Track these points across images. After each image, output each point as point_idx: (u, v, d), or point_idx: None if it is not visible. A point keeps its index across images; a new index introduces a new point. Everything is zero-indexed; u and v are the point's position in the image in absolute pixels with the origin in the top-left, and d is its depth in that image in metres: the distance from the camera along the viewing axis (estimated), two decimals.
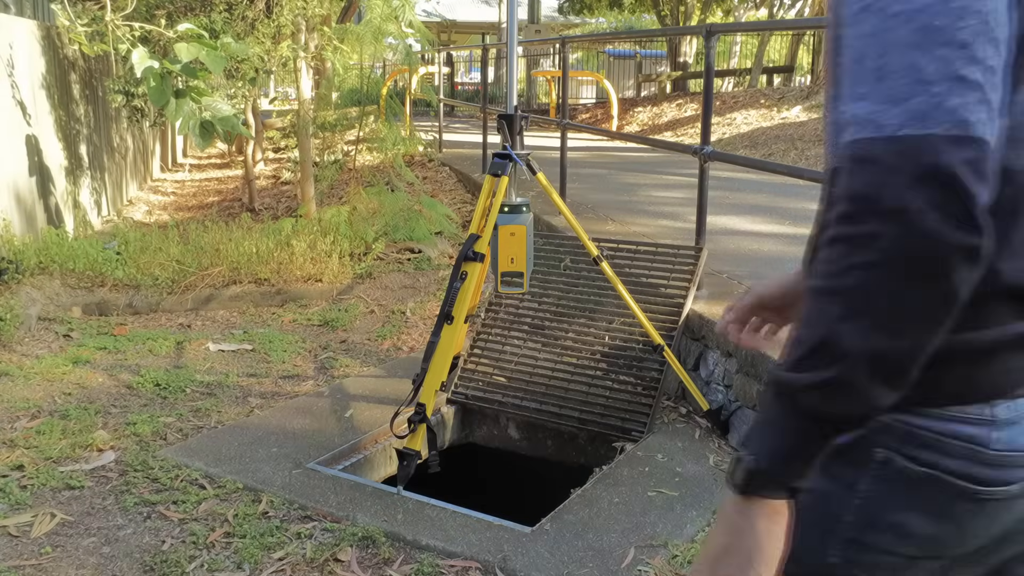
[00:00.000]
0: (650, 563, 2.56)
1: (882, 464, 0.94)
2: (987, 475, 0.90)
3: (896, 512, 0.94)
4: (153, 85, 5.02)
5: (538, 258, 4.21)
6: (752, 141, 10.71)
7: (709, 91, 3.88)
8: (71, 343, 4.67)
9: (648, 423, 3.47)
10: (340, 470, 3.26)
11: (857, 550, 0.97)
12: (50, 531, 2.74)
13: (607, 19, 24.80)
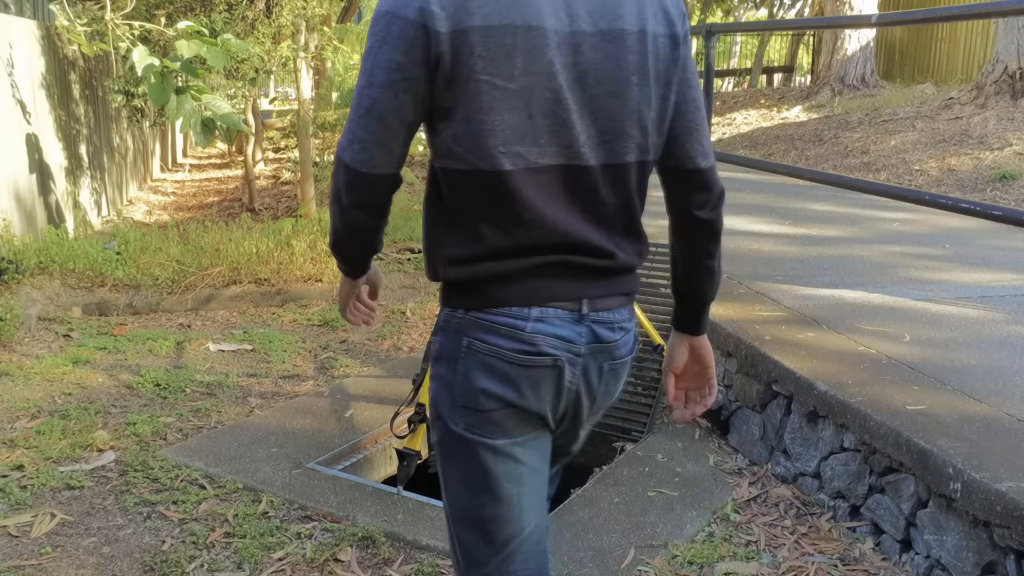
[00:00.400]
0: (650, 563, 2.56)
1: (467, 348, 1.36)
2: (526, 349, 1.34)
3: (481, 380, 1.35)
4: (153, 83, 5.02)
5: None
6: (752, 141, 10.70)
7: (709, 91, 3.88)
8: (71, 343, 4.67)
9: (648, 423, 3.47)
10: (340, 470, 3.26)
11: (466, 413, 1.36)
12: (50, 531, 2.74)
13: None
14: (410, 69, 1.24)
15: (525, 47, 1.24)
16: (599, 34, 1.28)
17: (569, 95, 1.28)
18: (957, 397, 2.72)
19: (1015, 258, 4.70)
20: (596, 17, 1.28)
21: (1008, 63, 8.84)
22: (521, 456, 1.41)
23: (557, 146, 1.31)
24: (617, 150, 1.35)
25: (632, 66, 1.31)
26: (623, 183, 1.39)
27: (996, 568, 2.18)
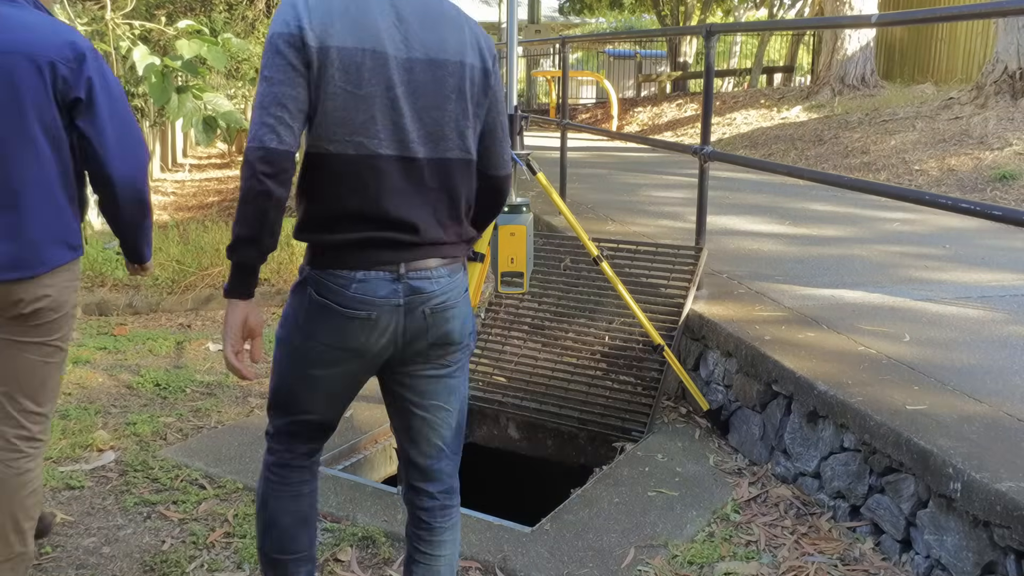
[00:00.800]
0: (650, 563, 2.56)
1: (309, 296, 1.76)
2: (350, 304, 1.73)
3: (313, 323, 1.77)
4: (154, 82, 5.01)
5: (538, 258, 4.21)
6: (752, 141, 10.70)
7: (709, 91, 3.88)
8: (71, 343, 4.67)
9: (648, 423, 3.47)
10: (340, 470, 3.26)
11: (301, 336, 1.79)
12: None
13: (607, 19, 24.80)
14: (298, 67, 1.62)
15: (371, 65, 1.66)
16: (427, 61, 1.71)
17: (403, 103, 1.70)
18: (957, 397, 2.72)
19: (1015, 258, 4.70)
20: (426, 48, 1.72)
21: (1008, 63, 8.84)
22: (334, 382, 1.84)
23: (393, 140, 1.71)
24: (440, 147, 1.76)
25: (450, 87, 1.74)
26: (447, 175, 1.78)
27: (996, 568, 2.18)
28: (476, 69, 1.77)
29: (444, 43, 1.73)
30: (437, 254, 1.80)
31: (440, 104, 1.74)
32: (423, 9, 1.73)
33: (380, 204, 1.70)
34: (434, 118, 1.73)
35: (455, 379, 1.94)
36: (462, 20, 1.79)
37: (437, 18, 1.74)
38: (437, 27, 1.74)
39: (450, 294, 1.83)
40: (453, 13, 1.79)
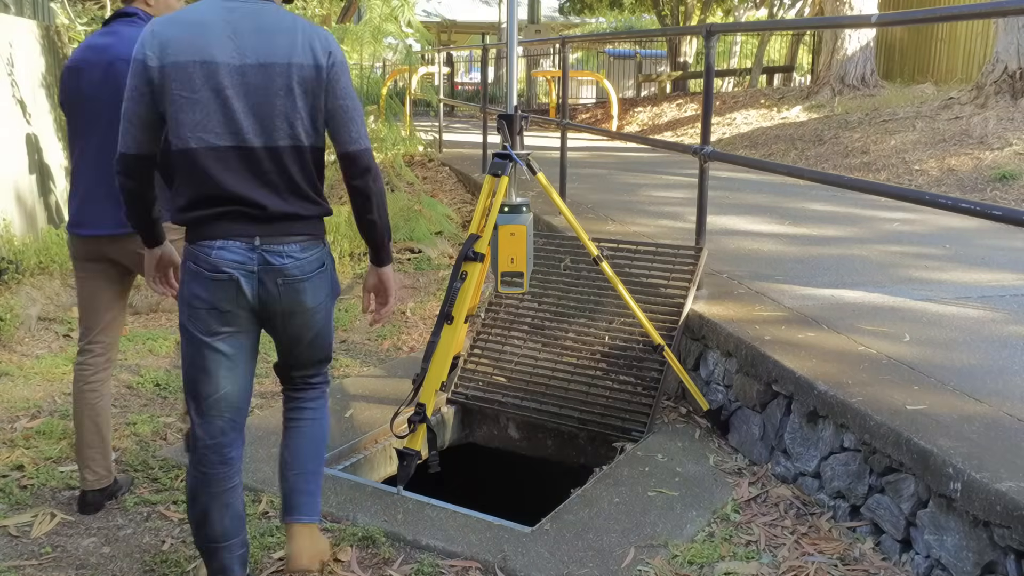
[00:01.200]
0: (650, 563, 2.56)
1: (187, 267, 2.13)
2: (213, 267, 2.10)
3: (192, 287, 2.13)
4: None
5: (538, 258, 4.21)
6: (752, 141, 10.71)
7: (709, 91, 3.88)
8: (71, 343, 4.67)
9: (648, 423, 3.47)
10: (340, 470, 3.26)
11: (186, 309, 2.15)
12: (50, 531, 2.74)
13: (607, 19, 24.79)
14: (142, 87, 2.06)
15: (201, 73, 2.04)
16: (258, 65, 2.07)
17: (235, 103, 2.06)
18: (957, 397, 2.72)
19: (1015, 258, 4.70)
20: (258, 55, 2.07)
21: (1008, 63, 8.84)
22: (220, 346, 2.17)
23: (228, 133, 2.07)
24: (272, 137, 2.10)
25: (279, 85, 2.08)
26: (278, 159, 2.12)
27: (996, 568, 2.18)
28: (306, 67, 2.10)
29: (274, 49, 2.08)
30: (290, 231, 2.15)
31: (270, 100, 2.09)
32: (258, 23, 2.10)
33: (225, 187, 2.08)
34: (265, 112, 2.09)
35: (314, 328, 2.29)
36: (296, 28, 2.12)
37: (271, 29, 2.10)
38: (269, 36, 2.09)
39: (302, 269, 2.17)
40: (288, 23, 2.13)
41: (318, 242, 2.21)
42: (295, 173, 2.14)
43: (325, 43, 2.15)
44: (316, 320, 2.26)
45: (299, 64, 2.10)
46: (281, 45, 2.09)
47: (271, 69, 2.08)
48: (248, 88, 2.07)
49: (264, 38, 2.09)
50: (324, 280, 2.24)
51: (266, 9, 2.13)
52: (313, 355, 2.35)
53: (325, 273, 2.24)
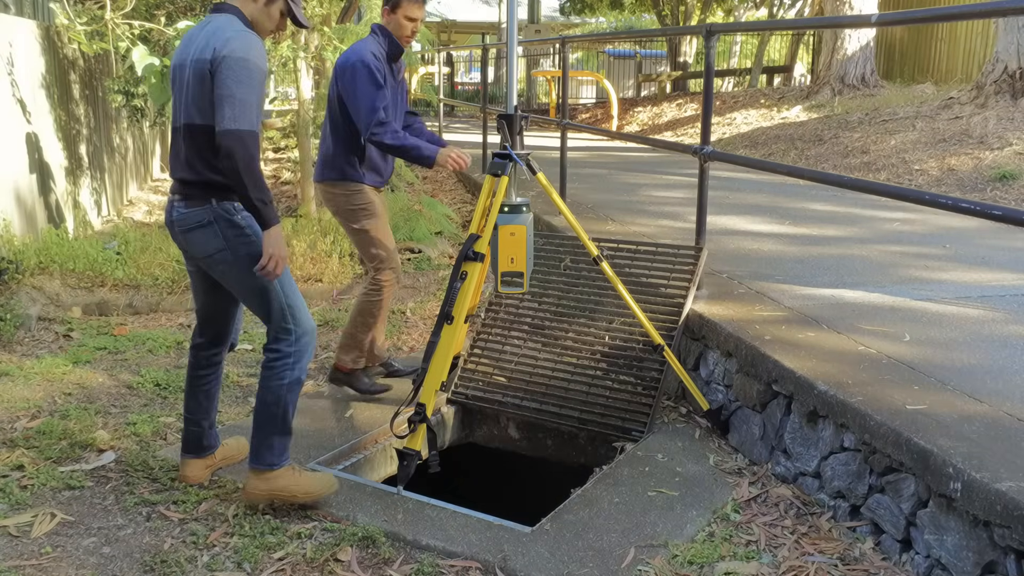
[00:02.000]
0: (650, 563, 2.56)
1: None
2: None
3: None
4: (154, 83, 5.02)
5: (538, 258, 4.21)
6: (752, 141, 10.71)
7: (709, 91, 3.88)
8: (71, 343, 4.67)
9: (648, 423, 3.47)
10: (340, 470, 3.26)
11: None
12: (50, 531, 2.74)
13: (607, 19, 24.80)
14: None
15: (176, 72, 2.74)
16: (191, 62, 2.64)
17: (177, 92, 2.73)
18: (957, 397, 2.72)
19: (1015, 258, 4.70)
20: (189, 55, 2.66)
21: (1008, 63, 8.84)
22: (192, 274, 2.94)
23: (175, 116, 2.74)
24: (179, 118, 2.71)
25: (185, 77, 2.67)
26: (177, 135, 2.73)
27: (996, 568, 2.18)
28: (201, 62, 2.59)
29: (191, 50, 2.66)
30: (178, 191, 2.74)
31: (183, 89, 2.68)
32: (200, 31, 2.69)
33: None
34: (182, 99, 2.68)
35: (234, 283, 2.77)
36: (210, 30, 2.64)
37: (202, 35, 2.65)
38: (196, 40, 2.66)
39: (185, 220, 2.72)
40: (209, 29, 2.65)
41: (203, 202, 2.69)
42: (184, 148, 2.71)
43: (221, 41, 2.59)
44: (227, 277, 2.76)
45: (194, 60, 2.64)
46: (195, 46, 2.65)
47: (187, 66, 2.70)
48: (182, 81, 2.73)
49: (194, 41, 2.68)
50: (212, 236, 2.70)
51: None
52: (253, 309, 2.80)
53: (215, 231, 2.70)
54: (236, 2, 2.74)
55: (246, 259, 2.70)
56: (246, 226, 2.71)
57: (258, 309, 2.78)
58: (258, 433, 2.82)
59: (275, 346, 2.79)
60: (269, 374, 2.79)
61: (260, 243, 2.69)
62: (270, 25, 2.83)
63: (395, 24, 3.65)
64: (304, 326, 2.80)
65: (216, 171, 2.64)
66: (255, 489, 2.84)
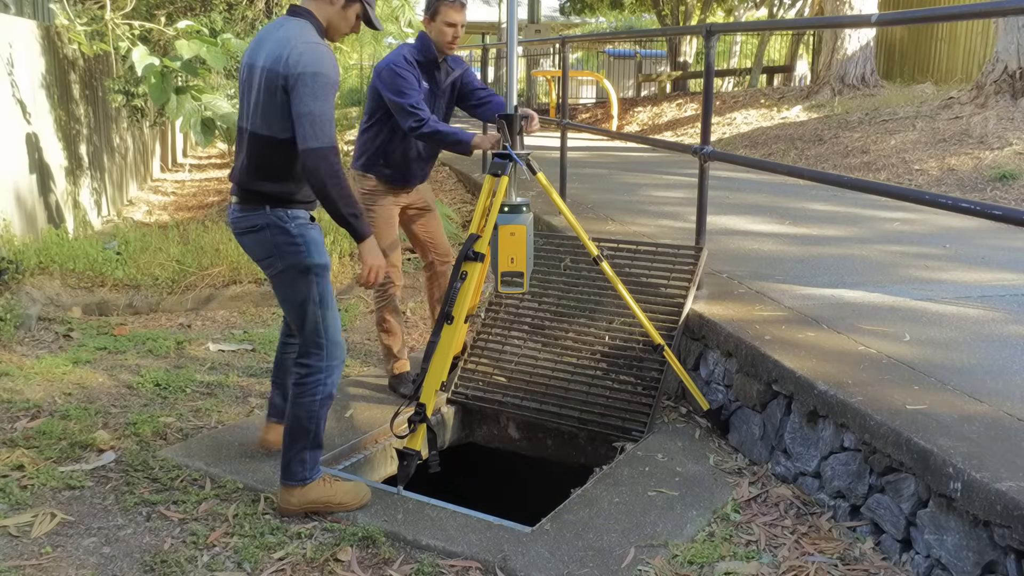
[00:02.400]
0: (650, 563, 2.56)
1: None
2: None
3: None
4: (154, 83, 5.02)
5: (538, 258, 4.21)
6: (752, 141, 10.70)
7: (709, 91, 3.88)
8: (71, 343, 4.67)
9: (648, 423, 3.47)
10: (340, 470, 3.26)
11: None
12: (50, 531, 2.74)
13: (607, 19, 24.79)
14: None
15: (245, 71, 2.75)
16: (262, 68, 2.64)
17: (245, 94, 2.75)
18: (957, 397, 2.72)
19: (1015, 258, 4.70)
20: (261, 58, 2.66)
21: (1008, 63, 8.84)
22: None
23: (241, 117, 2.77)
24: (247, 123, 2.72)
25: (255, 81, 2.67)
26: (242, 141, 2.75)
27: (996, 568, 2.18)
28: (275, 74, 2.59)
29: (261, 52, 2.66)
30: (236, 193, 2.75)
31: (251, 92, 2.69)
32: (272, 34, 2.70)
33: None
34: (249, 103, 2.69)
35: (277, 288, 2.80)
36: (282, 36, 2.64)
37: (273, 39, 2.66)
38: (267, 43, 2.67)
39: (240, 223, 2.75)
40: (281, 35, 2.65)
41: (257, 206, 2.72)
42: (250, 155, 2.73)
43: (292, 53, 2.59)
44: (281, 283, 2.77)
45: (262, 67, 2.66)
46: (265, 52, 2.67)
47: (255, 70, 2.70)
48: (251, 84, 2.75)
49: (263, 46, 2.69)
50: (267, 239, 2.72)
51: None
52: (296, 324, 2.80)
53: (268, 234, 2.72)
54: (311, 6, 2.71)
55: (292, 267, 2.72)
56: (298, 235, 2.72)
57: (294, 318, 2.80)
58: (290, 448, 2.80)
59: (306, 360, 2.78)
60: (301, 391, 2.78)
61: (309, 252, 2.72)
62: (345, 28, 2.82)
63: (436, 31, 3.68)
64: (335, 341, 2.80)
65: (273, 180, 2.67)
66: (288, 504, 2.83)
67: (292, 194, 2.72)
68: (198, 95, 4.96)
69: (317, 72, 2.56)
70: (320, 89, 2.56)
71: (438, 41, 3.71)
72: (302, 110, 2.56)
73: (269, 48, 2.63)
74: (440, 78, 3.82)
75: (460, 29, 3.71)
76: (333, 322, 2.79)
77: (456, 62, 3.89)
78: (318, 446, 2.83)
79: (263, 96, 2.62)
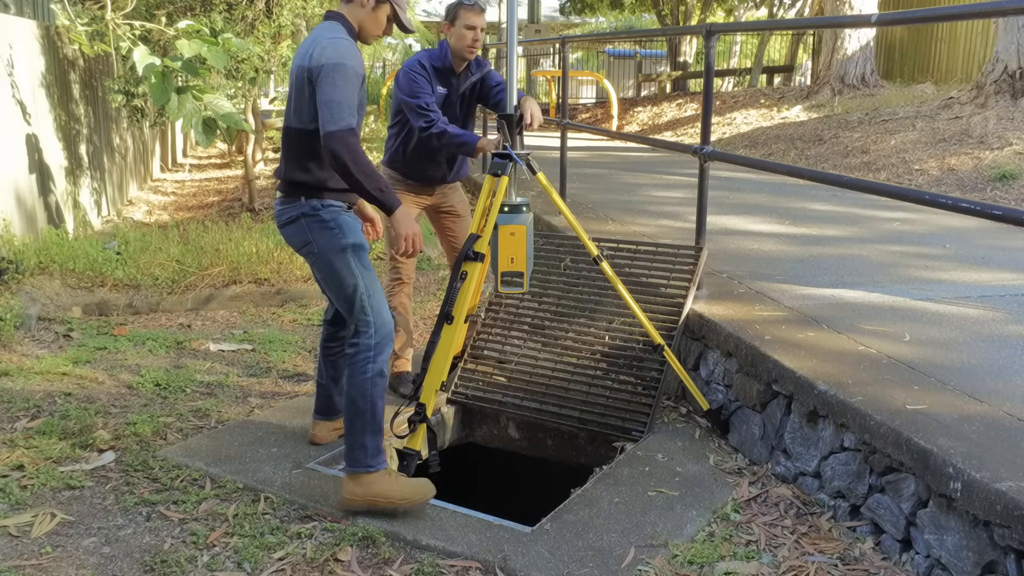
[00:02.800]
0: (650, 563, 2.56)
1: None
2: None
3: None
4: (154, 83, 5.01)
5: (538, 258, 4.21)
6: (752, 141, 10.70)
7: (709, 91, 3.88)
8: (71, 343, 4.67)
9: (648, 423, 3.47)
10: (340, 470, 3.25)
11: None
12: (50, 531, 2.74)
13: (607, 19, 24.79)
14: None
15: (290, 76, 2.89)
16: (295, 68, 2.82)
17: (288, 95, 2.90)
18: (957, 397, 2.72)
19: (1015, 258, 4.70)
20: (294, 60, 2.82)
21: (1008, 63, 8.84)
22: None
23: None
24: (286, 119, 2.89)
25: (292, 81, 2.84)
26: (284, 136, 2.91)
27: (996, 568, 2.18)
28: (302, 69, 2.76)
29: (297, 56, 2.81)
30: (279, 187, 2.91)
31: (290, 91, 2.85)
32: (309, 38, 2.83)
33: None
34: (289, 101, 2.86)
35: (319, 274, 2.92)
36: (312, 38, 2.80)
37: (307, 42, 2.81)
38: (302, 48, 2.82)
39: (280, 216, 2.90)
40: (312, 36, 2.80)
41: (296, 199, 2.85)
42: (289, 149, 2.88)
43: (320, 50, 2.72)
44: (319, 271, 2.90)
45: (298, 65, 2.78)
46: (300, 51, 2.79)
47: (295, 70, 2.81)
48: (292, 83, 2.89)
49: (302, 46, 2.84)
50: (305, 230, 2.84)
51: None
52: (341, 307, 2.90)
53: (305, 227, 2.85)
54: (344, 10, 2.85)
55: (328, 251, 2.83)
56: (330, 219, 2.83)
57: (339, 300, 2.88)
58: (349, 433, 2.83)
59: (356, 339, 2.84)
60: (352, 370, 2.83)
61: (343, 233, 2.83)
62: (377, 30, 2.92)
63: (456, 36, 3.74)
64: (383, 318, 2.86)
65: (306, 171, 2.81)
66: (352, 495, 2.82)
67: (324, 182, 2.84)
68: (199, 95, 4.96)
69: (337, 63, 2.68)
70: (340, 78, 2.67)
71: (458, 46, 3.75)
72: (322, 99, 2.68)
73: (302, 50, 2.80)
74: (457, 83, 3.86)
75: (480, 32, 3.75)
76: (378, 299, 2.85)
77: (479, 65, 3.92)
78: (378, 431, 2.83)
79: (294, 92, 2.80)
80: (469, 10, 3.69)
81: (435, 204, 4.04)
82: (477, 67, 3.90)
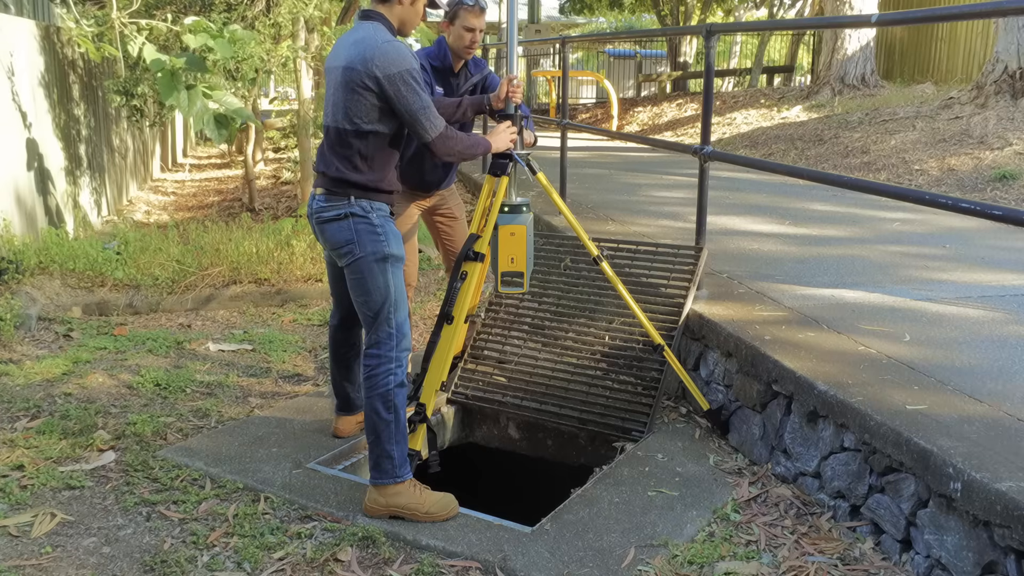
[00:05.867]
0: (650, 563, 2.56)
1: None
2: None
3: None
4: (163, 78, 5.02)
5: (538, 258, 4.21)
6: (752, 141, 10.70)
7: (709, 91, 3.88)
8: (71, 343, 4.67)
9: (648, 423, 3.47)
10: (340, 470, 3.26)
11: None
12: (50, 531, 2.74)
13: (607, 19, 24.79)
14: None
15: (328, 74, 2.90)
16: (341, 68, 2.79)
17: (328, 94, 2.90)
18: (957, 397, 2.72)
19: (1015, 258, 4.70)
20: (340, 60, 2.80)
21: (1008, 63, 8.84)
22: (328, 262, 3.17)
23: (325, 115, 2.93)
24: (328, 119, 2.88)
25: (334, 80, 2.84)
26: (326, 134, 2.90)
27: (996, 568, 2.18)
28: (355, 72, 2.74)
29: (340, 55, 2.81)
30: (321, 184, 2.87)
31: (331, 91, 2.87)
32: (348, 37, 2.84)
33: None
34: (330, 101, 2.87)
35: (352, 277, 2.86)
36: (358, 39, 2.79)
37: (350, 42, 2.81)
38: (344, 46, 2.83)
39: (323, 213, 2.85)
40: (358, 37, 2.80)
41: (340, 196, 2.83)
42: (332, 147, 2.88)
43: (373, 54, 2.74)
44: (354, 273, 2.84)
45: (344, 67, 2.78)
46: (344, 54, 2.80)
47: (335, 70, 2.83)
48: (332, 83, 2.89)
49: (345, 48, 2.83)
50: (348, 229, 2.82)
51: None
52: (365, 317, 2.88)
53: (350, 224, 2.83)
54: (382, 9, 2.86)
55: (370, 256, 2.81)
56: (378, 224, 2.84)
57: (364, 307, 2.85)
58: (375, 445, 2.82)
59: (376, 350, 2.82)
60: (373, 383, 2.81)
61: (388, 242, 2.84)
62: (417, 20, 2.96)
63: (455, 36, 3.71)
64: (404, 332, 2.86)
65: (358, 171, 2.82)
66: (375, 504, 2.83)
67: (376, 183, 2.85)
68: (209, 93, 4.97)
69: (404, 69, 2.72)
70: (413, 83, 2.74)
71: (456, 46, 3.72)
72: (407, 108, 2.75)
73: (346, 51, 2.78)
74: (456, 83, 3.83)
75: (479, 34, 3.71)
76: (403, 312, 2.86)
77: (478, 66, 3.89)
78: (402, 439, 2.84)
79: (342, 93, 2.78)
80: (469, 11, 3.66)
81: (432, 207, 4.03)
82: (475, 67, 3.89)
